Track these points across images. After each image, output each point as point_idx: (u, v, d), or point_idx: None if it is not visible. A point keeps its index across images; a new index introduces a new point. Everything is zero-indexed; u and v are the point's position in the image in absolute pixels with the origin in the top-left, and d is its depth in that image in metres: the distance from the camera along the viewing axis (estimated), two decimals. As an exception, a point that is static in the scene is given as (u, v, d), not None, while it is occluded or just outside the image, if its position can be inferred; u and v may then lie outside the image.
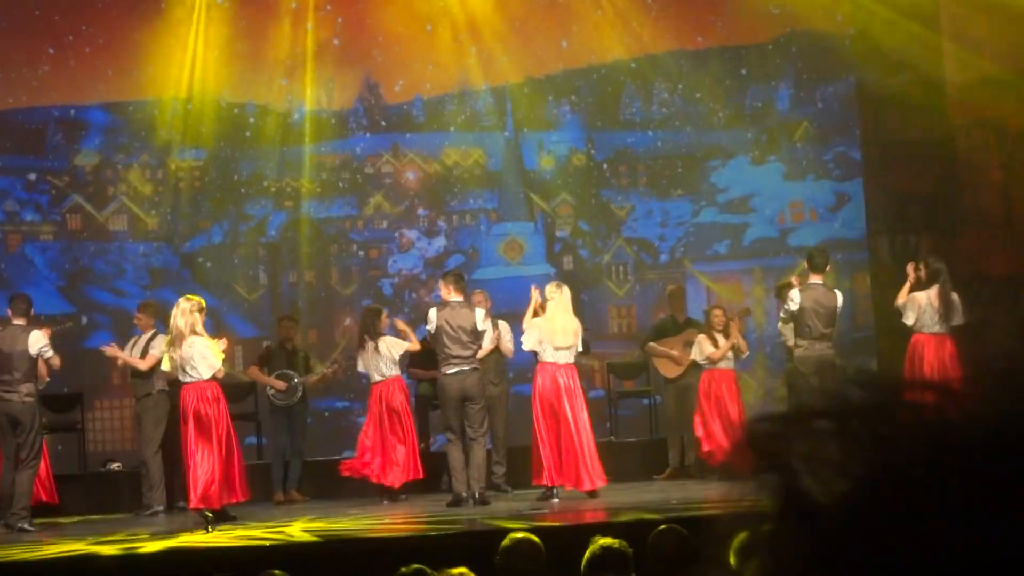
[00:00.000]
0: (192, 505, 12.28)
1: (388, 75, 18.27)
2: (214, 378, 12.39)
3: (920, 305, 13.71)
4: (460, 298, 13.06)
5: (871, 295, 17.82)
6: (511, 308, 13.99)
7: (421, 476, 13.94)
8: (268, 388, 15.38)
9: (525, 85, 18.34)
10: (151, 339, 14.29)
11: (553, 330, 12.75)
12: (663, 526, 6.81)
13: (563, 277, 17.83)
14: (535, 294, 13.12)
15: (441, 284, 13.56)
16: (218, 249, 17.97)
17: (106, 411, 17.41)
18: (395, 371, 13.94)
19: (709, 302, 17.69)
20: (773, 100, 18.38)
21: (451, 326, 12.86)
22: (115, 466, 16.38)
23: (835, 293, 13.73)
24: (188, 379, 12.35)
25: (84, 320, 17.57)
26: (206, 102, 17.95)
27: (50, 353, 12.97)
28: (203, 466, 12.22)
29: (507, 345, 14.33)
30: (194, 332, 12.26)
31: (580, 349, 13.08)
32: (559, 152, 18.46)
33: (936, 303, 13.65)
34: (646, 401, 16.81)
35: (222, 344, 12.61)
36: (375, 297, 17.96)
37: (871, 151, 17.82)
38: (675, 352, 15.47)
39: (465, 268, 17.86)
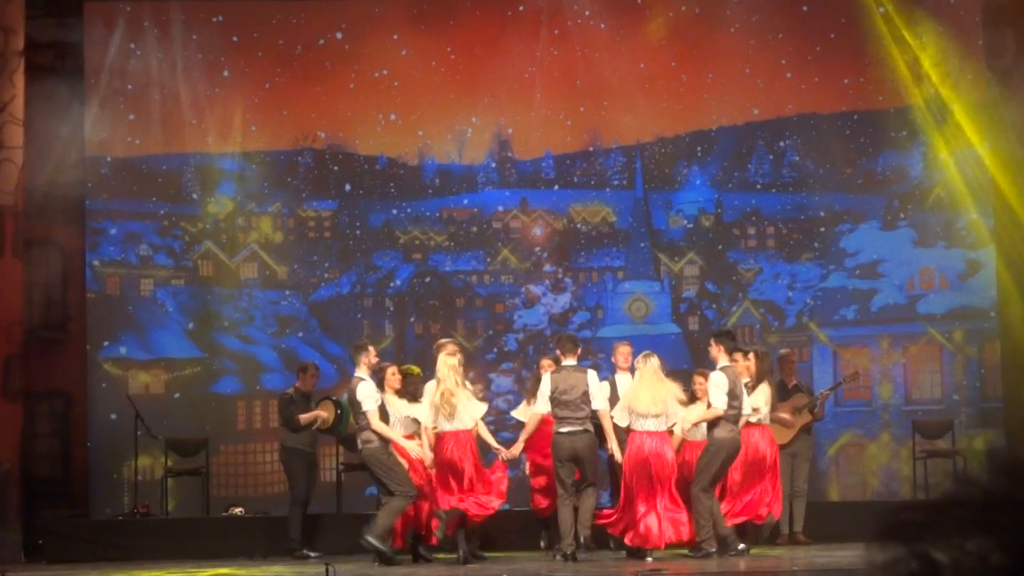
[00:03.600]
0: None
1: (519, 131, 18.35)
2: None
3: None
4: (573, 361, 13.51)
5: (1000, 365, 17.57)
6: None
7: None
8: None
9: (655, 144, 18.34)
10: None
11: (639, 400, 13.20)
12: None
13: (688, 338, 17.80)
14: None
15: (557, 348, 14.04)
16: (345, 299, 18.11)
17: (231, 455, 17.57)
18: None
19: (835, 367, 17.59)
20: (905, 166, 18.20)
21: (563, 388, 13.29)
22: (238, 511, 16.53)
23: None
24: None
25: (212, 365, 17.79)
26: (338, 153, 18.16)
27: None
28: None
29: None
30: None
31: (673, 420, 13.39)
32: (688, 212, 18.41)
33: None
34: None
35: None
36: (499, 352, 18.01)
37: (1004, 219, 17.59)
38: (785, 416, 15.31)
39: (590, 325, 17.85)
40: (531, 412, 13.90)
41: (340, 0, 18.26)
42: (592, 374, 13.57)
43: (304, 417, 14.75)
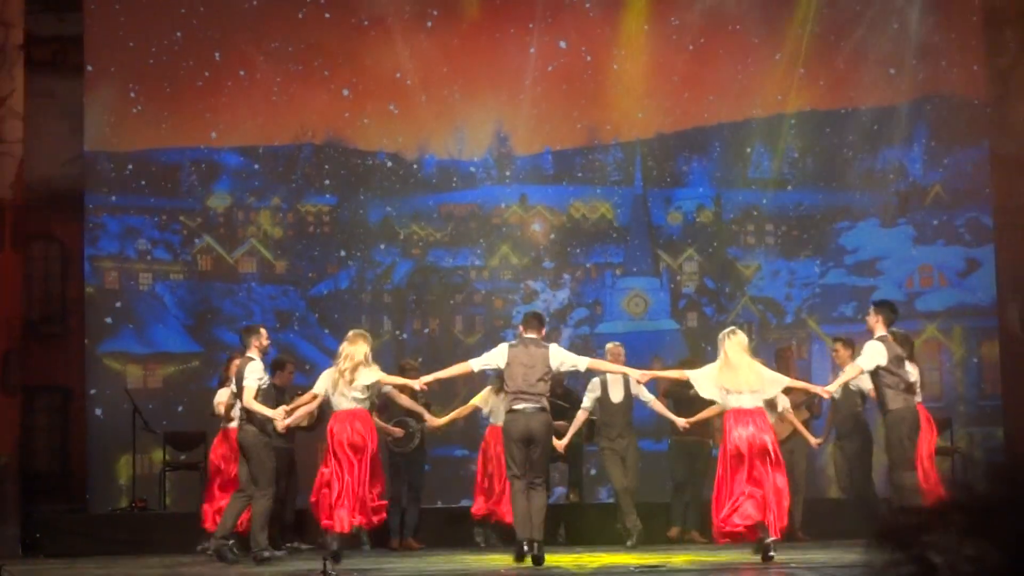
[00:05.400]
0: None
1: (519, 127, 18.34)
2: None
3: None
4: (534, 335, 12.18)
5: (999, 363, 17.58)
6: (635, 364, 13.96)
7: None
8: (386, 435, 15.38)
9: (655, 141, 18.33)
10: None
11: (736, 375, 12.02)
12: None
13: (686, 334, 17.79)
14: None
15: (521, 324, 12.78)
16: (344, 294, 18.11)
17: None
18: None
19: (834, 364, 17.59)
20: (905, 163, 18.22)
21: (520, 362, 12.03)
22: (235, 506, 16.50)
23: None
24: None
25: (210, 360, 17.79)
26: (337, 148, 18.16)
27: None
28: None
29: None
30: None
31: (773, 401, 12.81)
32: (687, 209, 18.42)
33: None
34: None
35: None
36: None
37: (1003, 217, 17.60)
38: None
39: (589, 322, 17.85)
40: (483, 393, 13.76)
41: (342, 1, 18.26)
42: (555, 347, 12.28)
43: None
